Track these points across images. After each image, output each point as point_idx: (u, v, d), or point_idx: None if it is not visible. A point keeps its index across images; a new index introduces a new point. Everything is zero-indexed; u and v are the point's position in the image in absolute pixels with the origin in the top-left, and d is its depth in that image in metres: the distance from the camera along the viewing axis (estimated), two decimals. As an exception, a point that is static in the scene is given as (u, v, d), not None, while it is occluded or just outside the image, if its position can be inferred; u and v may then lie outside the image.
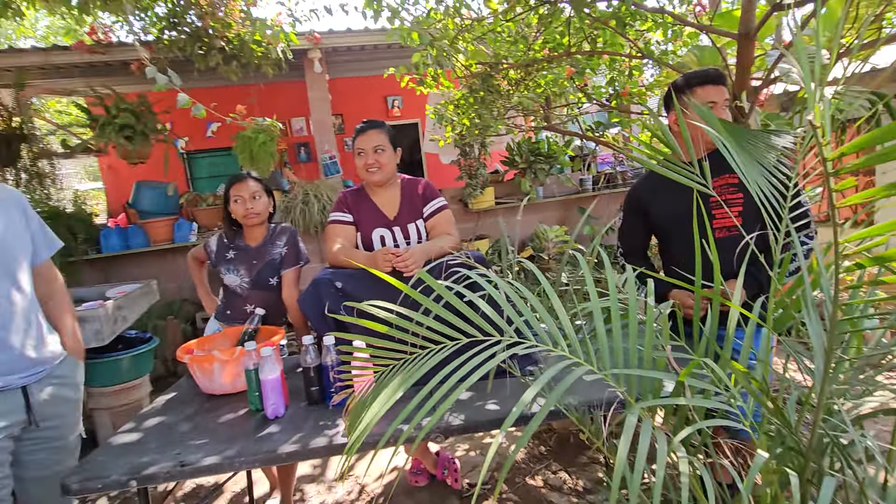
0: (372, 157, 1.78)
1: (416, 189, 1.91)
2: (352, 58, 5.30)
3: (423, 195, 1.90)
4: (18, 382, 1.35)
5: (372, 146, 1.78)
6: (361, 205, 1.87)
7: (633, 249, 1.83)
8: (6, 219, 1.40)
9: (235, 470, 1.22)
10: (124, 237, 4.03)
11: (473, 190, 4.77)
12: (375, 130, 1.80)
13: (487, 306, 0.89)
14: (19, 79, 3.62)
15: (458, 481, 2.08)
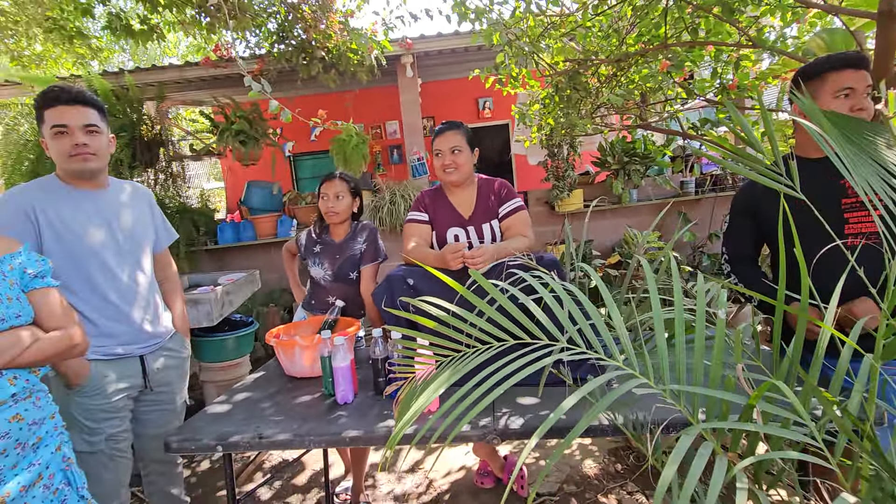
0: (449, 157, 1.82)
1: (492, 189, 1.91)
2: (442, 61, 5.42)
3: (499, 195, 1.89)
4: (137, 352, 1.58)
5: (449, 147, 1.81)
6: (438, 204, 1.91)
7: (740, 256, 1.58)
8: (137, 212, 1.64)
9: (304, 447, 1.31)
10: (237, 231, 4.51)
11: (560, 192, 4.63)
12: (453, 132, 1.83)
13: (538, 310, 0.86)
14: (160, 92, 4.21)
15: (524, 488, 2.03)
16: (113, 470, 1.52)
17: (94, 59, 4.76)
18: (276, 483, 2.39)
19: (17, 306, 1.09)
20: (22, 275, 1.12)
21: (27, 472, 1.06)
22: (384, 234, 4.54)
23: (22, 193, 1.42)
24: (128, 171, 3.83)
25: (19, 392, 1.07)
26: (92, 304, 1.47)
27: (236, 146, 3.95)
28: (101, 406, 1.48)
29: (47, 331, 1.14)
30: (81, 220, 1.46)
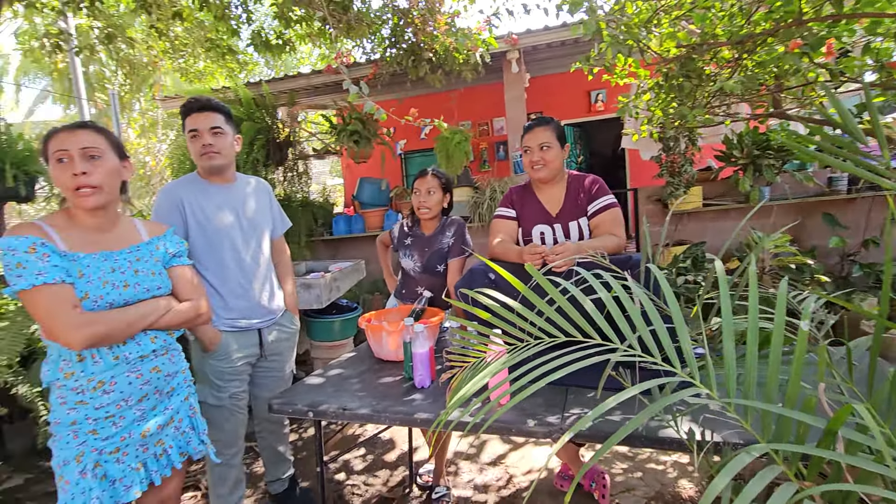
0: (537, 154, 1.80)
1: (582, 186, 1.86)
2: (551, 54, 5.30)
3: (590, 192, 1.83)
4: (256, 325, 1.83)
5: (538, 143, 1.80)
6: (526, 201, 1.91)
7: None
8: (258, 202, 1.90)
9: (380, 422, 1.42)
10: (349, 223, 4.91)
11: (675, 189, 4.27)
12: (542, 128, 1.81)
13: (594, 309, 0.84)
14: (291, 98, 4.74)
15: (605, 497, 1.95)
16: (233, 422, 1.79)
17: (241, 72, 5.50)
18: (368, 456, 2.59)
19: (159, 280, 1.31)
20: (164, 254, 1.35)
21: (162, 414, 1.30)
22: (483, 230, 4.60)
23: (173, 189, 1.73)
24: (262, 169, 4.39)
25: (158, 349, 1.30)
26: (221, 280, 1.74)
27: (350, 145, 4.29)
28: (227, 369, 1.75)
29: (181, 301, 1.36)
30: (214, 210, 1.73)
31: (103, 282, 1.18)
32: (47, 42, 4.93)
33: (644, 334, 0.78)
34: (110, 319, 1.16)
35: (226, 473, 1.79)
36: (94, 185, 1.19)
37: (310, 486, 2.30)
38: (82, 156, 1.18)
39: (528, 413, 1.30)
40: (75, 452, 1.18)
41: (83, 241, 1.21)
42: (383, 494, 2.22)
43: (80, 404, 1.18)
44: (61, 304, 1.10)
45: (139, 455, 1.27)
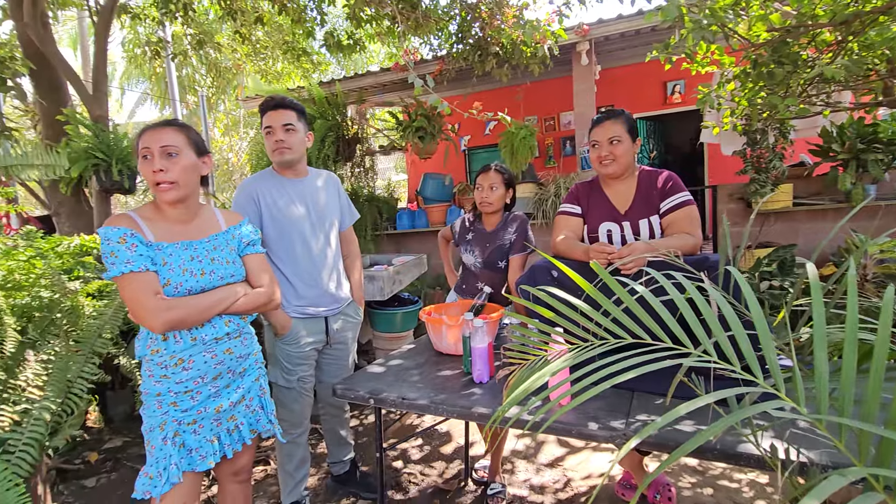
0: (606, 148, 1.73)
1: (655, 182, 1.75)
2: (624, 44, 5.07)
3: (663, 189, 1.73)
4: (323, 313, 1.91)
5: (607, 137, 1.73)
6: (593, 197, 1.84)
7: None
8: (328, 195, 1.98)
9: (437, 414, 1.43)
10: (412, 218, 5.00)
11: (761, 186, 3.93)
12: (612, 121, 1.74)
13: (664, 310, 0.79)
14: (359, 96, 4.89)
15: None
16: (300, 403, 1.89)
17: (314, 72, 5.77)
18: (425, 447, 2.63)
19: (232, 268, 1.39)
20: (239, 243, 1.44)
21: (235, 392, 1.40)
22: (546, 227, 4.50)
23: (250, 183, 1.84)
24: (332, 165, 4.57)
25: (232, 332, 1.39)
26: (292, 269, 1.84)
27: (415, 141, 4.36)
28: (296, 353, 1.85)
29: (254, 287, 1.45)
30: (287, 202, 1.83)
31: (183, 270, 1.28)
32: (148, 49, 5.45)
33: (722, 340, 0.73)
34: (186, 305, 1.26)
35: (293, 451, 1.89)
36: (171, 181, 1.28)
37: (369, 470, 2.37)
38: (161, 153, 1.27)
39: (590, 416, 1.25)
40: (159, 421, 1.29)
41: (168, 231, 1.31)
42: (439, 485, 2.25)
43: (164, 378, 1.29)
44: (145, 291, 1.21)
45: (213, 429, 1.37)
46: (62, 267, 1.92)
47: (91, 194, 3.61)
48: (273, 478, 2.38)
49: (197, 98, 7.57)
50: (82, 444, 2.72)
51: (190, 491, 1.32)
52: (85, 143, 3.22)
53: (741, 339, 0.72)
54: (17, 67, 3.15)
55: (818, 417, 0.62)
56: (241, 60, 6.25)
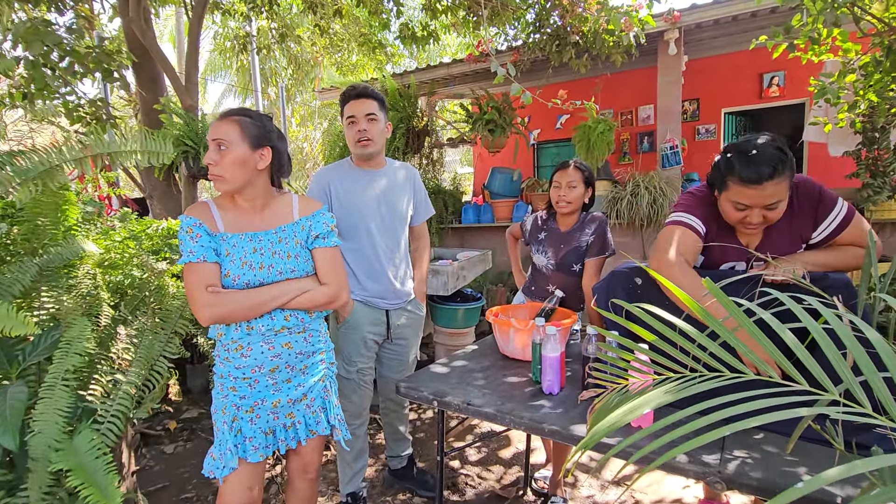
0: (757, 216, 1.25)
1: (800, 201, 1.32)
2: (718, 32, 4.66)
3: (815, 211, 1.31)
4: (383, 305, 1.89)
5: (765, 203, 1.23)
6: (716, 223, 1.39)
7: None
8: (402, 189, 1.94)
9: (504, 424, 1.35)
10: (478, 213, 4.92)
11: (875, 192, 3.46)
12: (776, 181, 1.20)
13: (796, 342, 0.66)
14: (430, 88, 4.87)
15: None
16: (359, 395, 1.89)
17: (388, 63, 5.83)
18: (483, 449, 2.57)
19: (294, 262, 1.33)
20: (307, 235, 1.38)
21: (296, 389, 1.37)
22: (620, 228, 4.25)
23: (324, 173, 1.85)
24: (401, 157, 4.60)
25: (292, 326, 1.34)
26: (356, 261, 1.84)
27: (485, 134, 4.27)
28: (356, 341, 1.85)
29: (321, 282, 1.38)
30: (357, 194, 1.81)
31: (243, 262, 1.27)
32: (236, 43, 5.76)
33: (875, 381, 0.59)
34: (232, 302, 1.24)
35: (351, 442, 1.90)
36: (219, 175, 1.26)
37: (425, 467, 2.35)
38: (215, 146, 1.26)
39: (677, 444, 1.12)
40: (221, 404, 1.32)
41: (237, 221, 1.31)
42: (496, 491, 2.18)
43: (227, 361, 1.31)
44: (197, 283, 1.22)
45: (270, 421, 1.35)
46: (151, 248, 2.05)
47: (180, 179, 3.87)
48: (333, 464, 2.42)
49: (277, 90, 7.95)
50: (164, 413, 2.92)
51: (251, 476, 1.33)
52: (177, 130, 3.44)
53: None
54: (122, 60, 3.41)
55: None
56: (319, 53, 6.44)
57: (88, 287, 1.62)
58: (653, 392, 0.71)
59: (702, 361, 0.77)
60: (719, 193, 1.32)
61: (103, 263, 1.79)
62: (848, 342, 0.64)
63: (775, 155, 1.18)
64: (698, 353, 0.74)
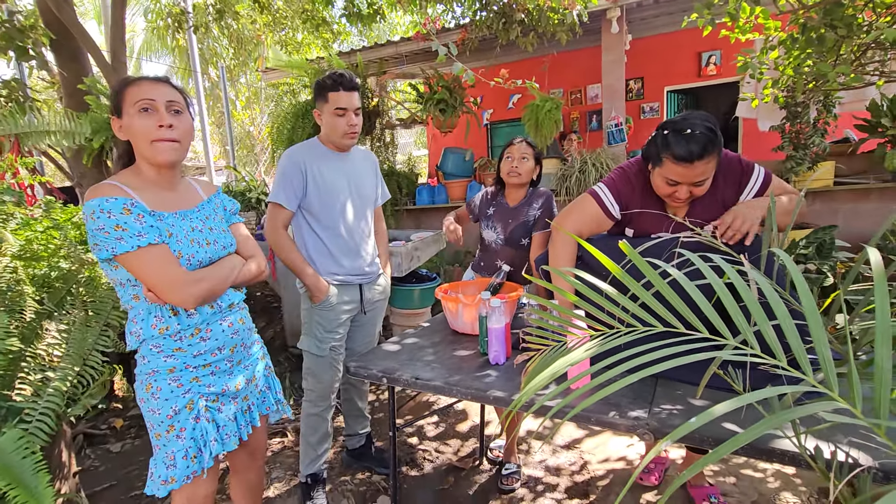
0: (685, 192, 1.32)
1: (723, 173, 1.40)
2: (659, 11, 4.80)
3: (737, 182, 1.40)
4: (357, 281, 1.93)
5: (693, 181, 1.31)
6: (640, 201, 1.47)
7: None
8: (366, 172, 2.00)
9: (452, 396, 1.39)
10: (432, 194, 4.92)
11: (797, 164, 3.71)
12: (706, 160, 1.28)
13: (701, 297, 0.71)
14: (380, 68, 4.77)
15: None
16: (330, 374, 1.91)
17: (334, 42, 5.65)
18: (441, 424, 2.62)
19: (229, 237, 1.30)
20: (225, 211, 1.35)
21: (246, 370, 1.35)
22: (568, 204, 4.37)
23: (297, 152, 1.84)
24: (351, 138, 4.51)
25: (238, 301, 1.32)
26: (333, 239, 1.87)
27: (436, 114, 4.25)
28: (332, 319, 1.88)
29: (246, 255, 1.34)
30: (332, 175, 1.84)
31: (190, 240, 1.18)
32: (171, 20, 5.41)
33: (765, 329, 0.65)
34: (211, 276, 1.18)
35: (318, 424, 1.92)
36: (177, 139, 1.16)
37: (383, 446, 2.38)
38: (168, 108, 1.15)
39: (611, 403, 1.19)
40: (185, 401, 1.18)
41: (157, 200, 1.17)
42: (453, 463, 2.24)
43: (178, 352, 1.18)
44: (169, 265, 1.10)
45: (232, 408, 1.29)
46: (78, 238, 1.93)
47: (112, 165, 3.64)
48: (290, 450, 2.41)
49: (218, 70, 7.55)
50: (110, 411, 2.80)
51: (212, 482, 1.27)
52: (106, 114, 3.22)
53: (788, 329, 0.64)
54: (38, 37, 3.14)
55: (877, 422, 0.55)
56: (260, 31, 6.15)
57: (8, 281, 1.51)
58: (579, 348, 0.75)
59: (624, 321, 0.82)
60: (653, 168, 1.39)
61: (24, 255, 1.67)
62: (743, 293, 0.70)
63: (706, 136, 1.25)
64: (617, 311, 0.79)
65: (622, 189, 1.48)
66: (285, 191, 1.78)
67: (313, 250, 1.87)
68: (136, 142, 1.15)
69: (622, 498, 1.91)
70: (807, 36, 2.07)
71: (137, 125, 1.12)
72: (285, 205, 1.78)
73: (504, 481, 2.03)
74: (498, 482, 2.05)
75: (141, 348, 1.19)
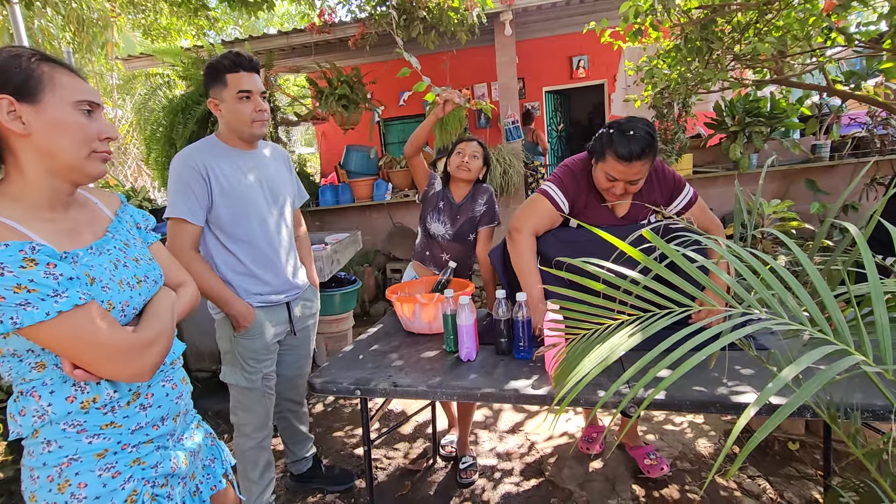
0: (621, 188, 1.46)
1: (658, 178, 1.59)
2: (541, 17, 5.16)
3: (671, 188, 1.59)
4: (284, 299, 1.72)
5: (631, 179, 1.45)
6: (585, 196, 1.59)
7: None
8: (278, 170, 1.75)
9: (437, 399, 1.37)
10: (336, 194, 4.72)
11: (667, 157, 4.30)
12: (644, 161, 1.43)
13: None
14: (268, 60, 4.42)
15: (651, 472, 1.94)
16: (264, 404, 1.70)
17: (211, 30, 5.09)
18: (382, 430, 2.55)
19: (156, 266, 1.00)
20: (141, 231, 1.05)
21: (190, 440, 1.05)
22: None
23: (192, 154, 1.53)
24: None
25: (178, 351, 1.02)
26: (251, 254, 1.62)
27: (339, 110, 4.07)
28: (261, 348, 1.65)
29: (172, 284, 1.05)
30: (240, 176, 1.58)
31: (118, 282, 0.89)
32: (-15, -9, 4.38)
33: (783, 296, 0.75)
34: (162, 330, 0.90)
35: (257, 457, 1.71)
36: (109, 153, 0.90)
37: (330, 462, 2.25)
38: (97, 109, 0.89)
39: (595, 384, 1.27)
40: (124, 495, 0.88)
41: (57, 234, 0.85)
42: (406, 467, 2.20)
43: (110, 428, 0.88)
44: (106, 328, 0.81)
45: (181, 492, 0.98)
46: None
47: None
48: (221, 485, 2.15)
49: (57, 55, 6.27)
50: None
51: None
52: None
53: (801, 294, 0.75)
54: None
55: (886, 368, 0.66)
56: (112, 12, 5.30)
57: None
58: (619, 334, 0.79)
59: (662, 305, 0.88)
60: (596, 163, 1.50)
61: None
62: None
63: (646, 139, 1.39)
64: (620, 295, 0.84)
65: (569, 186, 1.59)
66: (187, 202, 1.49)
67: (228, 270, 1.60)
68: (67, 155, 0.84)
69: (573, 468, 2.06)
70: (688, 45, 2.40)
71: (75, 130, 0.84)
72: (191, 219, 1.49)
73: (463, 475, 2.04)
74: (456, 477, 2.06)
75: (42, 432, 0.85)
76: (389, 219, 4.90)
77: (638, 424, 2.07)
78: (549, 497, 1.92)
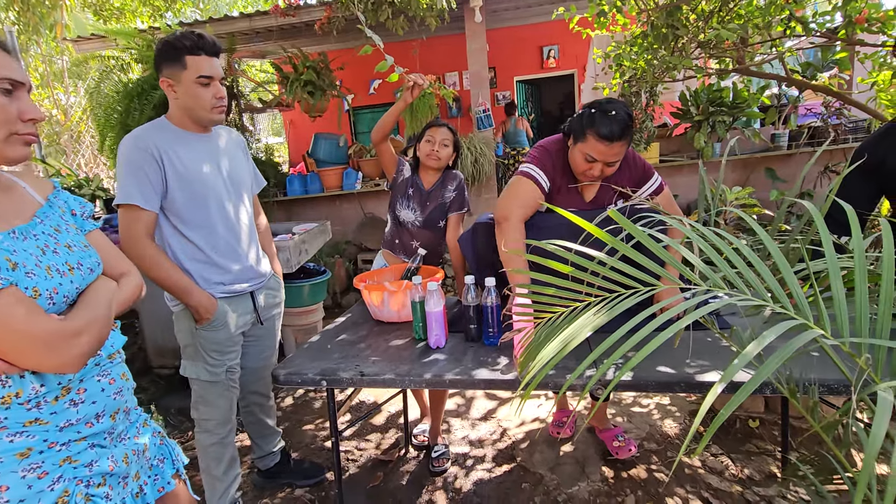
0: (598, 170, 1.46)
1: (627, 164, 1.58)
2: (511, 4, 5.13)
3: (640, 173, 1.60)
4: (248, 289, 1.66)
5: (609, 160, 1.45)
6: (562, 176, 1.57)
7: None
8: (235, 155, 1.67)
9: (405, 386, 1.34)
10: (304, 183, 4.61)
11: (636, 145, 4.36)
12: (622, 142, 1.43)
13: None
14: (230, 44, 4.25)
15: (620, 453, 1.98)
16: (227, 398, 1.64)
17: (168, 11, 4.86)
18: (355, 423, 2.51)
19: (93, 253, 0.95)
20: (77, 218, 0.99)
21: (132, 439, 0.99)
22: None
23: (144, 135, 1.44)
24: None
25: (118, 344, 0.97)
26: (211, 242, 1.54)
27: (305, 97, 3.96)
28: (225, 339, 1.59)
29: (112, 274, 0.99)
30: (197, 161, 1.50)
31: (46, 268, 0.83)
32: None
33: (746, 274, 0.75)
34: (94, 319, 0.84)
35: (220, 453, 1.65)
36: (35, 135, 0.86)
37: (300, 456, 2.20)
38: (29, 91, 0.86)
39: (562, 367, 1.27)
40: (53, 497, 0.81)
41: None
42: (378, 457, 2.17)
43: (35, 425, 0.81)
44: (28, 315, 0.75)
45: (121, 492, 0.92)
46: None
47: None
48: (185, 484, 2.08)
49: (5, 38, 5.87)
50: None
51: None
52: None
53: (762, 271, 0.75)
54: None
55: (843, 340, 0.67)
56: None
57: None
58: (584, 316, 0.78)
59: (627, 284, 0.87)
60: (574, 143, 1.49)
61: None
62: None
63: (627, 120, 1.39)
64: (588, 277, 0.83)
65: (547, 166, 1.57)
66: (140, 186, 1.40)
67: (186, 258, 1.52)
68: None
69: (544, 452, 2.08)
70: (654, 33, 2.42)
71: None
72: (144, 205, 1.41)
73: (435, 463, 2.03)
74: (429, 465, 2.05)
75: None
76: (360, 208, 4.82)
77: (607, 407, 2.10)
78: (520, 482, 1.93)
